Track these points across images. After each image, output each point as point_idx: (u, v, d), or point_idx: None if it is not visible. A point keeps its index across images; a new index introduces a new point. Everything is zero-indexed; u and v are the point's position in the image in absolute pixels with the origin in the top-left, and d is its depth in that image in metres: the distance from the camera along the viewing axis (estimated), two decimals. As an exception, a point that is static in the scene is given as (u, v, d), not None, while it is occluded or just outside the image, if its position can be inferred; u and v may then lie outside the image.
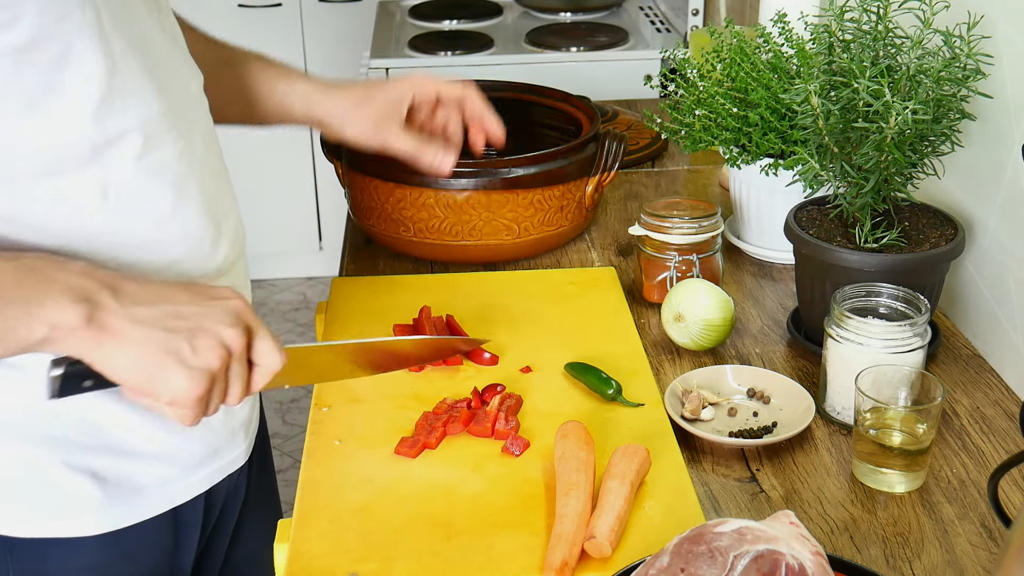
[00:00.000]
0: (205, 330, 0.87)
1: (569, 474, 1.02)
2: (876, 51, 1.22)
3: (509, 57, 2.69)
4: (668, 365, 1.29)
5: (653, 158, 1.88)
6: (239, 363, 0.89)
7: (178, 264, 0.98)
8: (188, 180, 0.97)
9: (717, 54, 1.49)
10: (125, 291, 0.86)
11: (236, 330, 0.88)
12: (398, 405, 1.18)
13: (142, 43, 0.93)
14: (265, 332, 0.91)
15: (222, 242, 1.02)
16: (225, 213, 1.04)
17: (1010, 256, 1.26)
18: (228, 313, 0.88)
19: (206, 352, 0.86)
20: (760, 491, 1.08)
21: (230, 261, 1.04)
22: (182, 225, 0.97)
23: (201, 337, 0.86)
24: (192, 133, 0.99)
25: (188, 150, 0.98)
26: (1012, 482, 1.08)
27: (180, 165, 0.96)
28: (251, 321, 0.90)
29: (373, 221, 1.51)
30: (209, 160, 1.02)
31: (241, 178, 4.08)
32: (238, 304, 0.89)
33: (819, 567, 0.77)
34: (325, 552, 0.98)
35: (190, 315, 0.87)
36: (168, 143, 0.95)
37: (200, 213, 0.99)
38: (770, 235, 1.50)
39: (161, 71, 0.95)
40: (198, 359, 0.86)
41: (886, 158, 1.20)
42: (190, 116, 1.00)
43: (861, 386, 1.06)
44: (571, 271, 1.48)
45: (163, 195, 0.95)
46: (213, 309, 0.88)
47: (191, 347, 0.86)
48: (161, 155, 0.95)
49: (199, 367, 0.86)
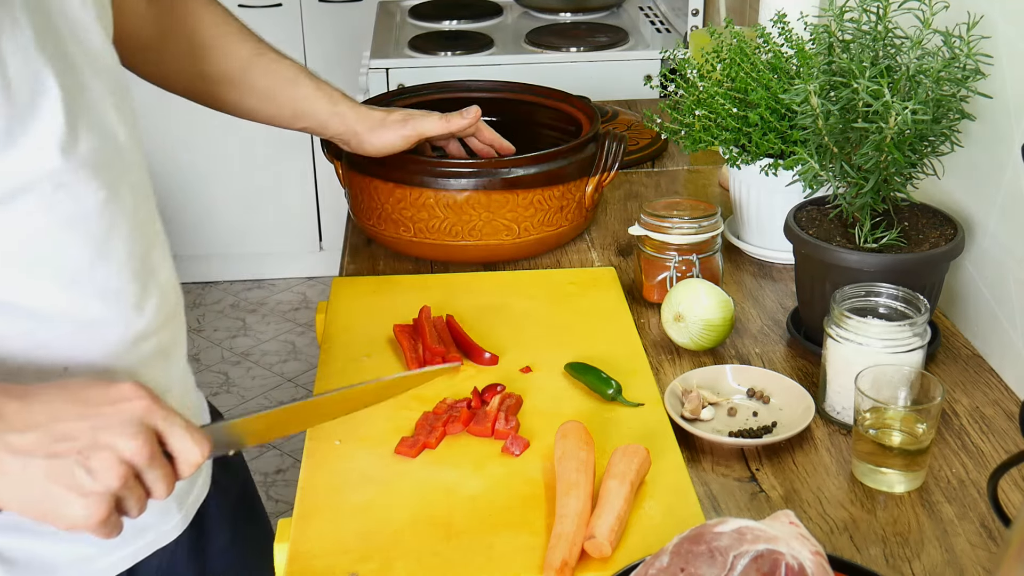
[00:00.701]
0: (100, 448, 0.77)
1: (569, 474, 1.02)
2: (876, 51, 1.22)
3: (509, 57, 2.69)
4: (668, 365, 1.29)
5: (653, 158, 1.88)
6: (151, 468, 0.80)
7: (94, 325, 0.90)
8: (111, 235, 0.89)
9: (717, 54, 1.49)
10: (1, 416, 0.77)
11: (138, 440, 0.78)
12: (398, 405, 1.18)
13: None
14: (179, 427, 0.81)
15: (148, 304, 0.94)
16: (153, 272, 0.95)
17: (1010, 256, 1.26)
18: (127, 422, 0.79)
19: (103, 473, 0.77)
20: (760, 491, 1.08)
21: (158, 323, 0.96)
22: (101, 284, 0.89)
23: (96, 457, 0.77)
24: (119, 185, 0.90)
25: (113, 202, 0.89)
26: (1012, 482, 1.08)
27: (102, 219, 0.88)
28: (159, 420, 0.80)
29: (373, 221, 1.51)
30: (139, 214, 0.93)
31: (241, 178, 4.09)
32: (139, 406, 0.80)
33: (819, 567, 0.77)
34: (325, 552, 0.98)
35: (80, 433, 0.77)
36: (88, 194, 0.87)
37: (121, 271, 0.91)
38: (770, 235, 1.50)
39: (84, 116, 0.86)
40: (95, 482, 0.77)
41: (886, 158, 1.20)
42: (118, 166, 0.91)
43: (861, 386, 1.06)
44: (571, 271, 1.48)
45: (79, 250, 0.87)
46: (109, 420, 0.78)
47: (85, 470, 0.77)
48: (79, 207, 0.86)
49: (97, 491, 0.77)
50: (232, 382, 3.22)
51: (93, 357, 0.91)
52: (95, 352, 0.91)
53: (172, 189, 3.57)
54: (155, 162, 3.51)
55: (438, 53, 2.69)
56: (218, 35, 1.27)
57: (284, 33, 3.42)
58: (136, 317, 0.93)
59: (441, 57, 2.68)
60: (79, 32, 0.88)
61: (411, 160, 1.45)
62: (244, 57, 1.29)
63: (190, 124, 3.38)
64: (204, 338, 3.44)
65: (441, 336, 1.28)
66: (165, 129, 3.45)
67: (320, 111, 1.36)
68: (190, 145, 3.49)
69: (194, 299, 3.66)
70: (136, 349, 0.94)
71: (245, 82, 1.30)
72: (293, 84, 1.33)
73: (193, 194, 3.58)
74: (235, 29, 1.28)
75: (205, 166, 3.54)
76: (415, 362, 1.24)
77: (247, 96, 1.31)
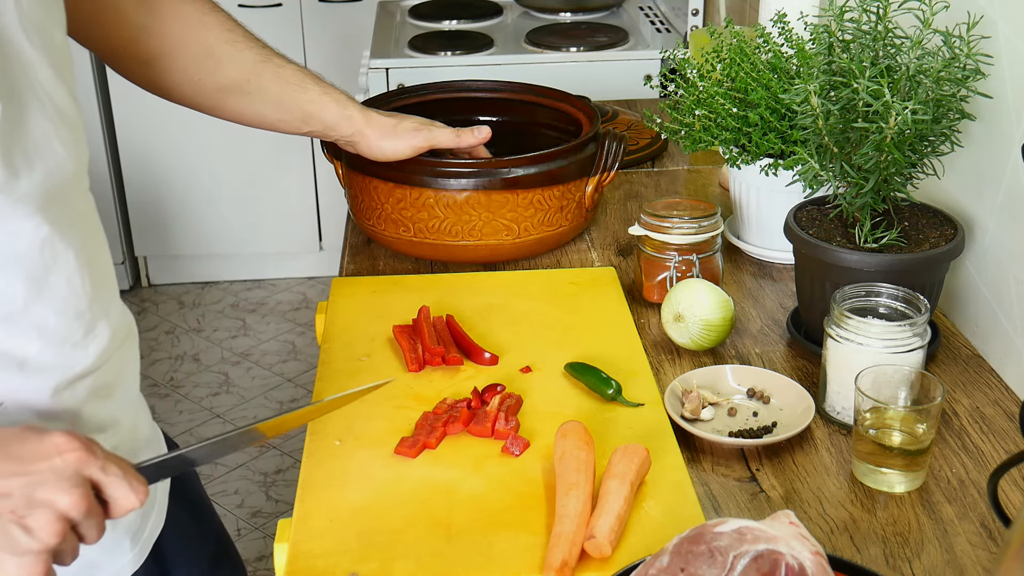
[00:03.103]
0: (36, 505, 0.75)
1: (569, 474, 1.02)
2: (876, 51, 1.22)
3: (509, 57, 2.69)
4: (668, 365, 1.29)
5: (653, 158, 1.88)
6: (88, 518, 0.78)
7: (32, 364, 0.87)
8: (52, 273, 0.86)
9: (717, 54, 1.49)
10: None
11: (76, 493, 0.76)
12: (398, 405, 1.18)
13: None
14: (115, 476, 0.79)
15: (91, 343, 0.91)
16: (101, 310, 0.92)
17: (1010, 256, 1.26)
18: (63, 476, 0.76)
19: (41, 531, 0.75)
20: (760, 491, 1.08)
21: (104, 358, 0.92)
22: (38, 322, 0.86)
23: (33, 516, 0.75)
24: (64, 220, 0.87)
25: (57, 239, 0.86)
26: (1012, 482, 1.08)
27: (44, 255, 0.85)
28: (95, 471, 0.78)
29: (373, 221, 1.51)
30: (86, 250, 0.90)
31: (241, 178, 4.09)
32: (73, 459, 0.77)
33: (819, 567, 0.77)
34: (325, 552, 0.98)
35: (14, 491, 0.75)
36: (27, 230, 0.83)
37: (62, 310, 0.87)
38: (770, 235, 1.50)
39: (26, 151, 0.83)
40: (32, 541, 0.75)
41: (886, 158, 1.20)
42: (64, 201, 0.87)
43: (861, 386, 1.06)
44: (571, 271, 1.48)
45: (16, 287, 0.84)
46: (44, 476, 0.76)
47: (22, 528, 0.75)
48: (19, 242, 0.83)
49: (34, 549, 0.75)
50: (232, 382, 3.22)
51: (30, 396, 0.88)
52: (32, 391, 0.88)
53: (172, 189, 3.57)
54: (155, 162, 3.51)
55: (438, 53, 2.69)
56: (224, 42, 1.25)
57: (284, 33, 3.42)
58: (78, 357, 0.90)
59: (441, 57, 2.68)
60: (22, 65, 0.84)
61: (411, 160, 1.44)
62: (251, 62, 1.27)
63: (190, 124, 3.38)
64: (204, 338, 3.44)
65: (441, 336, 1.28)
66: (165, 129, 3.45)
67: (329, 114, 1.35)
68: (190, 145, 3.49)
69: (194, 299, 3.66)
70: (77, 387, 0.91)
71: (254, 88, 1.28)
72: (301, 88, 1.32)
73: (193, 194, 3.58)
74: (241, 36, 1.27)
75: (205, 166, 3.54)
76: (414, 362, 1.24)
77: (256, 102, 1.30)
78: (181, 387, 3.19)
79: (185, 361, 3.33)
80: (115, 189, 3.56)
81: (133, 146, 3.49)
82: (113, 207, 3.53)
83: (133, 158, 3.51)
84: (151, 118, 3.41)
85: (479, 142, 1.45)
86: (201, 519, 1.19)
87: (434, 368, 1.25)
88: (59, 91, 0.88)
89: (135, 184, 3.55)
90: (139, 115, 3.42)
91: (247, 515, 2.71)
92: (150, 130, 3.46)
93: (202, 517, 1.20)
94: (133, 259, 3.70)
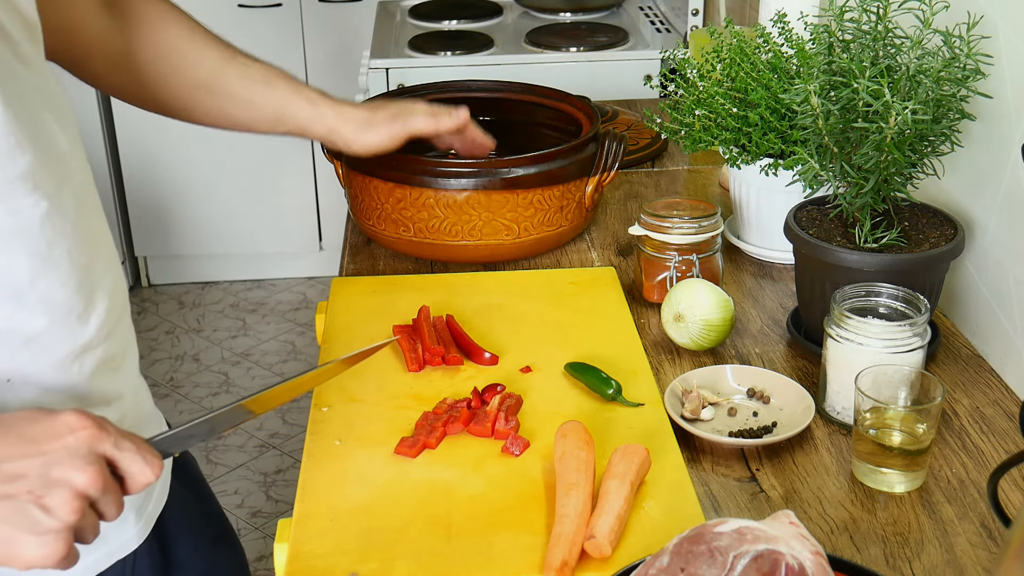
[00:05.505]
0: (53, 484, 0.76)
1: (569, 474, 1.02)
2: (876, 51, 1.22)
3: (509, 57, 2.69)
4: (668, 365, 1.29)
5: (653, 158, 1.88)
6: (105, 494, 0.79)
7: (39, 339, 0.87)
8: (54, 247, 0.87)
9: (717, 54, 1.49)
10: None
11: (91, 470, 0.77)
12: (398, 405, 1.18)
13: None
14: (129, 450, 0.80)
15: (93, 315, 0.92)
16: (98, 282, 0.92)
17: (1010, 256, 1.26)
18: (77, 454, 0.77)
19: (60, 509, 0.76)
20: (760, 491, 1.08)
21: (104, 333, 0.93)
22: (44, 297, 0.87)
23: (50, 495, 0.75)
24: (61, 194, 0.88)
25: (56, 213, 0.87)
26: (1012, 482, 1.08)
27: (44, 231, 0.86)
28: (108, 447, 0.79)
29: (373, 221, 1.51)
30: (82, 223, 0.90)
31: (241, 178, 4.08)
32: (87, 435, 0.78)
33: (819, 567, 0.77)
34: (325, 552, 0.98)
35: (30, 471, 0.76)
36: (28, 207, 0.84)
37: (65, 283, 0.88)
38: (770, 235, 1.50)
39: (24, 127, 0.84)
40: (52, 519, 0.76)
41: (886, 158, 1.20)
42: (59, 175, 0.88)
43: (861, 386, 1.06)
44: (571, 271, 1.48)
45: (20, 264, 0.85)
46: (58, 455, 0.77)
47: (40, 508, 0.75)
48: (19, 220, 0.84)
49: (54, 528, 0.76)
50: (232, 382, 3.22)
51: (38, 370, 0.88)
52: (40, 365, 0.89)
53: (172, 189, 3.57)
54: (155, 162, 3.51)
55: (438, 53, 2.69)
56: (184, 39, 1.23)
57: (284, 33, 3.42)
58: (81, 329, 0.91)
59: (441, 57, 2.68)
60: (8, 44, 0.85)
61: (411, 160, 1.45)
62: (215, 60, 1.25)
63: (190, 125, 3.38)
64: (204, 338, 3.44)
65: (441, 336, 1.28)
66: (165, 129, 3.45)
67: (300, 113, 1.32)
68: (189, 145, 3.49)
69: (194, 299, 3.66)
70: (82, 360, 0.92)
71: (220, 87, 1.26)
72: (269, 86, 1.29)
73: (193, 194, 3.58)
74: (200, 34, 1.25)
75: (205, 166, 3.54)
76: (414, 362, 1.24)
77: (225, 102, 1.28)
78: (181, 387, 3.19)
79: (185, 361, 3.33)
80: (115, 189, 3.56)
81: (133, 146, 3.49)
82: (113, 207, 3.53)
83: (133, 158, 3.51)
84: (151, 118, 3.38)
85: (457, 125, 1.42)
86: (203, 500, 1.20)
87: (434, 368, 1.25)
88: (42, 67, 0.89)
89: (135, 184, 3.55)
90: (139, 115, 3.38)
91: (247, 515, 2.71)
92: (150, 130, 3.46)
93: (204, 498, 1.21)
94: (133, 259, 3.70)
